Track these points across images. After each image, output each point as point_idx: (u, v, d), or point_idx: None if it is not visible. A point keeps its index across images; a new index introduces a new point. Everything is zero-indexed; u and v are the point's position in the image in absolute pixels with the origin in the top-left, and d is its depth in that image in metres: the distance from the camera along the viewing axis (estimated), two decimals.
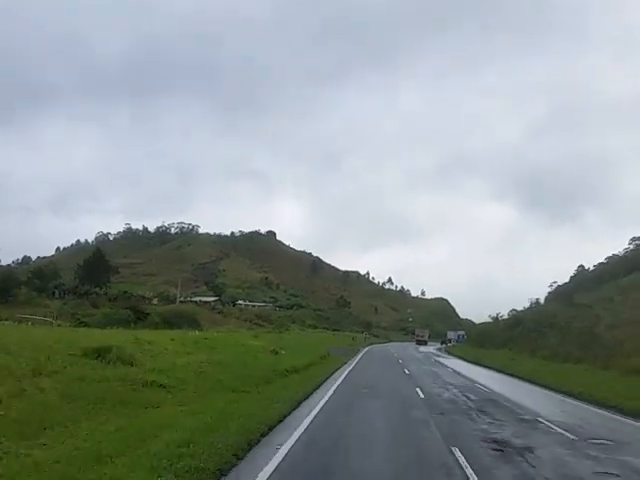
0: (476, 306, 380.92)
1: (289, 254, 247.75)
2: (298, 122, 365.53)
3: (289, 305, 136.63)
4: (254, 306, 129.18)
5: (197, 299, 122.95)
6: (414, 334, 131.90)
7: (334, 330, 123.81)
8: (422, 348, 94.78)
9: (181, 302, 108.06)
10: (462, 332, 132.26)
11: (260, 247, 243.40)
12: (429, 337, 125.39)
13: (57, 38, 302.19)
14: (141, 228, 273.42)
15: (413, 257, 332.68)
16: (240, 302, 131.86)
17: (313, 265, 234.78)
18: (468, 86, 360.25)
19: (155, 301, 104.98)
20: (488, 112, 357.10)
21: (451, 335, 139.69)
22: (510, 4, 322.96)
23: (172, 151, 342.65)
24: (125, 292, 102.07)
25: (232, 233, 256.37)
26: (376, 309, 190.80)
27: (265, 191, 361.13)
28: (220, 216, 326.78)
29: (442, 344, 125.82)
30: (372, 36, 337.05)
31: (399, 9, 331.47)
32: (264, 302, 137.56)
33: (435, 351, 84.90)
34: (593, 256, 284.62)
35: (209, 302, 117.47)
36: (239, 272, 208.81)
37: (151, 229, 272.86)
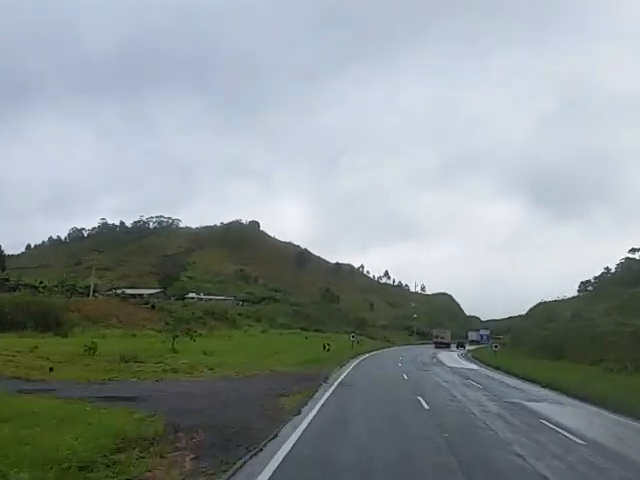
0: (481, 303, 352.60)
1: (273, 246, 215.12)
2: (297, 118, 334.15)
3: (258, 299, 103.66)
4: (209, 300, 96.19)
5: (130, 291, 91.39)
6: (432, 335, 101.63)
7: (315, 331, 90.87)
8: (445, 356, 61.53)
9: (96, 295, 76.13)
10: (486, 331, 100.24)
11: (240, 238, 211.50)
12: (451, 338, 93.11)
13: (45, 30, 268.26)
14: (118, 223, 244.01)
15: (414, 254, 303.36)
16: (192, 295, 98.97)
17: (300, 257, 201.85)
18: (473, 80, 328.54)
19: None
20: (494, 106, 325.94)
21: (473, 336, 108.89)
22: None
23: (168, 148, 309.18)
24: (7, 280, 69.58)
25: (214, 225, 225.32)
26: (371, 305, 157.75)
27: (264, 189, 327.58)
28: (217, 215, 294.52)
29: (459, 347, 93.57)
30: (372, 28, 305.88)
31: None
32: (227, 296, 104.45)
33: (481, 368, 46.04)
34: (602, 255, 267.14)
35: (143, 295, 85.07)
36: (212, 265, 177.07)
37: (128, 224, 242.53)
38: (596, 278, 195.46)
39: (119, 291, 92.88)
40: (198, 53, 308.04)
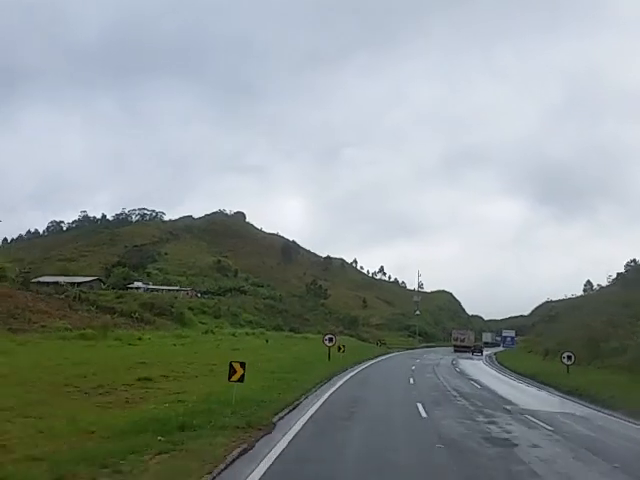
0: (481, 302, 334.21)
1: (258, 237, 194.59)
2: (296, 109, 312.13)
3: (222, 291, 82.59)
4: (159, 290, 75.28)
5: (63, 279, 71.14)
6: (452, 337, 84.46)
7: (291, 331, 70.29)
8: (485, 376, 39.30)
9: None
10: (511, 332, 79.91)
11: (223, 229, 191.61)
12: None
13: (33, 18, 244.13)
14: (99, 216, 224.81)
15: (412, 252, 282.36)
16: (138, 285, 78.15)
17: (286, 249, 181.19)
18: (478, 73, 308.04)
19: None
20: (499, 100, 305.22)
21: (487, 337, 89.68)
22: None
23: (160, 140, 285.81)
24: None
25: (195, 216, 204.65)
26: (364, 301, 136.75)
27: (260, 182, 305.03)
28: (209, 209, 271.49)
29: (475, 353, 73.31)
30: (376, 16, 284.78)
31: None
32: (185, 287, 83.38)
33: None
34: (608, 254, 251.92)
35: (59, 283, 64.62)
36: (187, 256, 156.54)
37: (110, 217, 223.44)
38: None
39: (43, 279, 72.40)
40: (192, 40, 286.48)
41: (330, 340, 32.48)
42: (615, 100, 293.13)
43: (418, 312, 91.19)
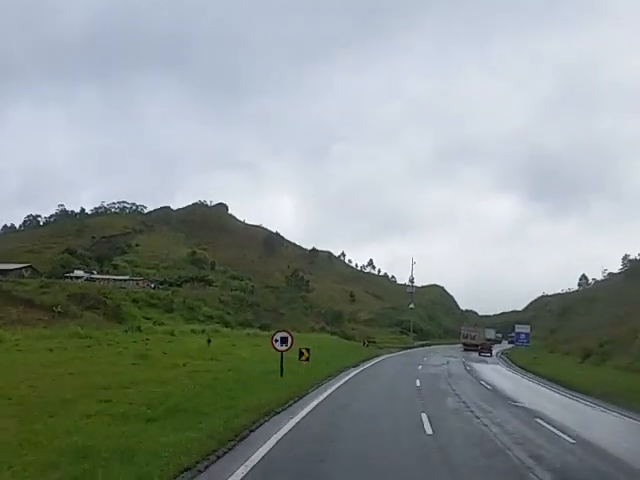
0: (474, 298, 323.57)
1: (240, 230, 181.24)
2: (286, 103, 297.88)
3: (181, 281, 69.13)
4: (106, 281, 61.93)
5: None
6: (461, 335, 76.51)
7: (261, 328, 57.22)
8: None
9: None
10: (525, 328, 67.27)
11: (203, 221, 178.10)
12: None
13: (14, 10, 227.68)
14: (78, 210, 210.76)
15: (404, 247, 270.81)
16: (79, 273, 64.79)
17: (270, 242, 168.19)
18: (471, 65, 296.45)
19: None
20: (492, 94, 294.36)
21: (490, 334, 77.93)
22: None
23: (149, 136, 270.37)
24: None
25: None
26: (352, 295, 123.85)
27: (248, 178, 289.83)
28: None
29: (482, 353, 60.92)
30: (368, 9, 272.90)
31: None
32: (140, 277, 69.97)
33: None
34: (602, 249, 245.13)
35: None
36: (161, 248, 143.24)
37: (89, 211, 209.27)
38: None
39: None
40: (178, 33, 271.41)
41: (283, 342, 19.37)
42: (609, 94, 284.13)
43: (412, 305, 78.56)
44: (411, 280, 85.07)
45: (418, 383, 22.81)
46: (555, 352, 50.63)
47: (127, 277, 68.98)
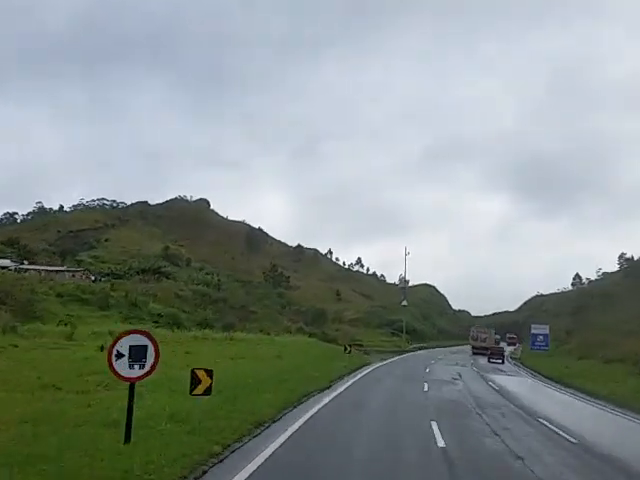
0: (465, 298, 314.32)
1: (221, 226, 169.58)
2: (273, 100, 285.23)
3: (130, 273, 57.34)
4: (37, 271, 50.24)
5: None
6: (470, 337, 67.69)
7: (225, 329, 46.01)
8: None
9: None
10: (544, 329, 56.13)
11: (182, 216, 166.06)
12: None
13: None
14: (56, 207, 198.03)
15: (393, 246, 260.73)
16: (5, 263, 53.09)
17: (252, 238, 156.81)
18: (464, 61, 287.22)
19: None
20: (484, 91, 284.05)
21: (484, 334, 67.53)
22: None
23: (134, 132, 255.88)
24: None
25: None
26: (338, 294, 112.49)
27: (236, 176, 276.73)
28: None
29: (491, 359, 49.84)
30: (357, 2, 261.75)
31: None
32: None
33: None
34: (593, 249, 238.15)
35: None
36: (133, 243, 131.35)
37: (67, 208, 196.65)
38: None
39: None
40: (163, 27, 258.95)
41: (135, 358, 7.81)
42: (601, 93, 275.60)
43: (405, 302, 67.33)
44: (404, 280, 73.70)
45: (436, 431, 11.53)
46: (587, 359, 39.61)
47: (64, 268, 57.44)
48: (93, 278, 53.35)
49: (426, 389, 20.95)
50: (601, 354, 37.01)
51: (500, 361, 49.22)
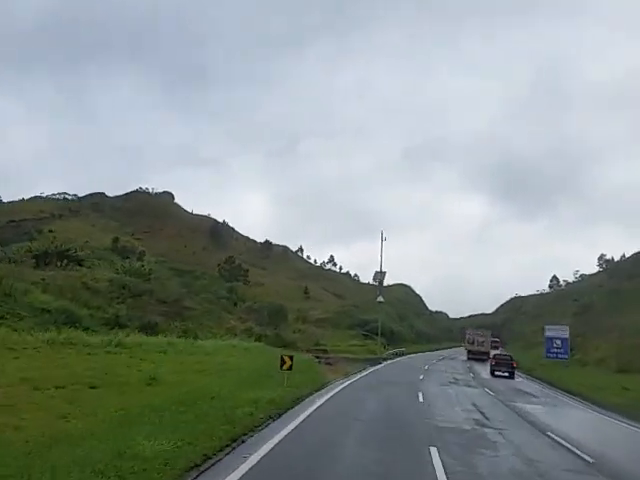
0: (440, 300, 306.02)
1: (185, 219, 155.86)
2: (251, 97, 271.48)
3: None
4: None
5: None
6: (466, 340, 58.65)
7: (141, 330, 33.01)
8: None
9: None
10: (563, 332, 43.27)
11: (142, 208, 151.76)
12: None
13: None
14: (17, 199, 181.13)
15: (368, 246, 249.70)
16: None
17: (216, 232, 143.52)
18: (446, 60, 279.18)
19: None
20: (465, 91, 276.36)
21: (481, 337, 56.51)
22: None
23: (107, 127, 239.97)
24: None
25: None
26: (306, 292, 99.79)
27: (212, 175, 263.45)
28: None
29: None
30: (337, 3, 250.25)
31: None
32: None
33: None
34: (571, 251, 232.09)
35: None
36: (82, 235, 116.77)
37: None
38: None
39: None
40: (138, 20, 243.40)
41: None
42: (580, 95, 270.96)
43: (381, 299, 55.20)
44: (380, 272, 61.38)
45: None
46: (631, 372, 27.69)
47: None
48: None
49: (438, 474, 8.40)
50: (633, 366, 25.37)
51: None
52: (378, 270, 59.48)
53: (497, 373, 36.50)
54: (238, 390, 14.66)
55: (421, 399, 18.48)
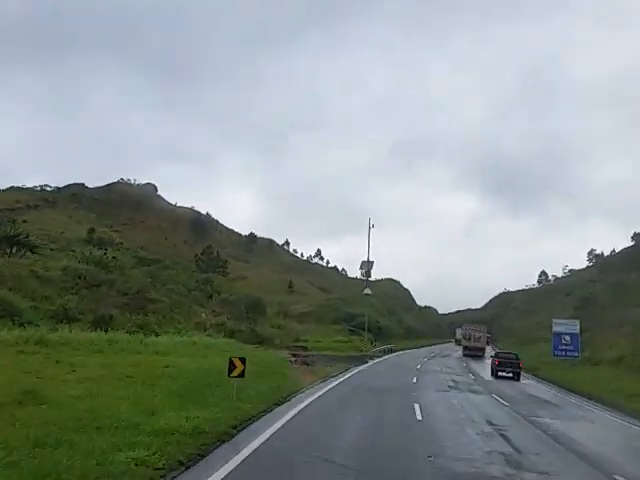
0: (429, 295, 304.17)
1: (167, 211, 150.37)
2: (239, 92, 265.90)
3: None
4: None
5: None
6: (462, 337, 58.79)
7: (95, 324, 28.13)
8: None
9: None
10: (573, 327, 38.64)
11: (122, 200, 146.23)
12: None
13: None
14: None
15: (357, 241, 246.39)
16: None
17: (199, 224, 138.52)
18: (436, 57, 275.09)
19: None
20: (454, 88, 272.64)
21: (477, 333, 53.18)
22: None
23: (92, 122, 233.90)
24: None
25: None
26: (290, 285, 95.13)
27: (200, 169, 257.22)
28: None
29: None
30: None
31: None
32: None
33: None
34: (559, 247, 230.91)
35: None
36: (57, 226, 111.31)
37: None
38: None
39: None
40: (124, 11, 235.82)
41: None
42: (569, 92, 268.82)
43: (369, 291, 50.69)
44: (367, 262, 56.96)
45: None
46: None
47: None
48: None
49: None
50: None
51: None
52: (365, 260, 54.93)
53: (500, 374, 32.27)
54: (160, 409, 10.01)
55: (419, 416, 13.82)
